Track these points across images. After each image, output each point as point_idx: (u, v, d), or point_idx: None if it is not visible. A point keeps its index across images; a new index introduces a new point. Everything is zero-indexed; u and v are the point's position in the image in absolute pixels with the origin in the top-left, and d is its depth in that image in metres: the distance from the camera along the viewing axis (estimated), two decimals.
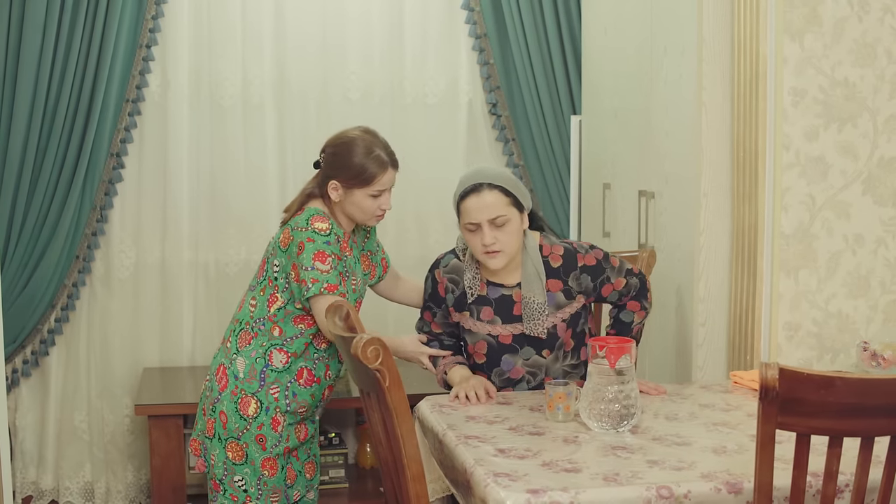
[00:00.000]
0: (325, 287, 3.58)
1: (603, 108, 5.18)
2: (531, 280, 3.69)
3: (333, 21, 5.69)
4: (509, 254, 3.64)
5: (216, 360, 3.82)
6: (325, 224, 3.65)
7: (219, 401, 3.73)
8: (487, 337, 3.75)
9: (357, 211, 3.75)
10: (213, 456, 3.74)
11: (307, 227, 3.64)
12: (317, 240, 3.62)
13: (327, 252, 3.62)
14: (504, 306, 3.73)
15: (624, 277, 3.80)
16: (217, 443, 3.73)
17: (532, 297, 3.68)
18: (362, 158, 3.70)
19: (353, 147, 3.73)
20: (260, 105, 5.66)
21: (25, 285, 5.35)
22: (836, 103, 3.89)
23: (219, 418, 3.72)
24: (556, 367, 3.76)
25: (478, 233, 3.63)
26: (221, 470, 3.72)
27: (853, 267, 3.96)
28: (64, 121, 5.28)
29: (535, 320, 3.68)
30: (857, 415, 2.49)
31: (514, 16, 5.67)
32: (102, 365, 5.61)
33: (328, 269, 3.60)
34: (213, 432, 3.74)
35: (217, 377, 3.76)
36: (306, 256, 3.61)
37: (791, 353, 3.95)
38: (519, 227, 3.66)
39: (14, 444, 5.51)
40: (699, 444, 3.02)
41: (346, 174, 3.70)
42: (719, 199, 4.11)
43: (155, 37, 5.49)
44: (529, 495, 2.62)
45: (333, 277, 3.61)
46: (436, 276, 3.86)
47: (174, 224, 5.63)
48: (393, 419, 2.89)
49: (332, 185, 3.72)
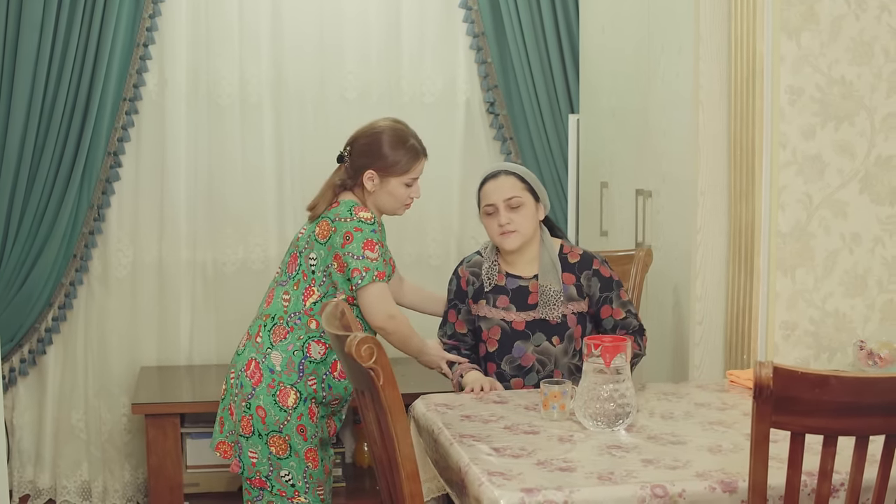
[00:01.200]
0: (376, 275, 3.66)
1: (601, 107, 5.18)
2: (548, 270, 3.88)
3: (331, 20, 5.68)
4: (523, 235, 3.87)
5: (241, 356, 3.78)
6: (368, 213, 3.70)
7: (253, 396, 3.69)
8: (501, 322, 3.88)
9: (389, 200, 3.82)
10: (255, 453, 3.68)
11: (351, 217, 3.68)
12: (364, 229, 3.67)
13: (375, 240, 3.68)
14: (520, 295, 3.89)
15: (625, 313, 3.91)
16: (257, 439, 3.68)
17: (548, 286, 3.86)
18: (398, 147, 3.80)
19: (388, 137, 3.80)
20: (257, 104, 5.65)
21: (23, 284, 5.34)
22: (833, 102, 3.89)
23: (255, 413, 3.67)
24: (564, 360, 3.86)
25: (494, 216, 3.88)
26: (266, 467, 3.68)
27: (850, 266, 3.95)
28: (61, 120, 5.28)
29: (550, 306, 3.85)
30: (852, 414, 2.49)
31: (511, 15, 5.66)
32: (100, 364, 5.60)
33: (377, 256, 3.67)
34: (252, 429, 3.68)
35: (248, 373, 3.71)
36: (356, 245, 3.66)
37: (788, 352, 3.94)
38: (533, 212, 3.89)
39: (11, 443, 5.51)
40: (694, 443, 3.02)
41: (383, 163, 3.77)
42: (716, 197, 4.10)
43: (152, 36, 5.48)
44: (524, 494, 2.61)
45: (382, 265, 3.68)
46: (459, 272, 4.03)
47: (172, 223, 5.62)
48: (387, 418, 2.88)
49: (369, 175, 3.77)
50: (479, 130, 5.87)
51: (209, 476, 5.16)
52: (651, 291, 4.49)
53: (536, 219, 3.93)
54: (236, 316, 5.67)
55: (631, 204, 4.71)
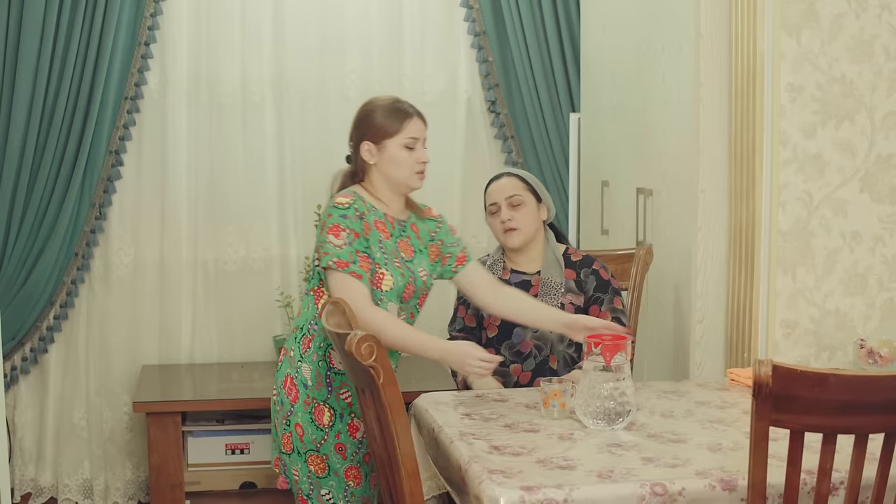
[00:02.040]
0: (334, 261, 3.46)
1: (602, 105, 5.18)
2: (551, 265, 4.04)
3: (332, 19, 5.69)
4: (525, 233, 4.04)
5: (280, 372, 3.63)
6: (345, 199, 3.54)
7: (292, 413, 3.55)
8: None
9: (395, 168, 3.61)
10: (296, 471, 3.57)
11: (329, 205, 3.57)
12: (334, 214, 3.51)
13: (342, 226, 3.49)
14: (522, 288, 3.97)
15: (612, 318, 3.94)
16: (297, 457, 3.56)
17: (550, 278, 4.02)
18: (387, 110, 3.65)
19: (376, 104, 3.69)
20: (259, 103, 5.66)
21: (24, 283, 5.35)
22: (833, 100, 3.88)
23: (294, 431, 3.55)
24: (560, 347, 3.98)
25: (497, 214, 4.06)
26: (307, 485, 3.56)
27: (850, 264, 3.95)
28: (63, 118, 5.29)
29: (550, 295, 3.99)
30: (851, 412, 2.49)
31: (512, 13, 5.66)
32: (101, 362, 5.61)
33: (341, 243, 3.47)
34: (291, 447, 3.57)
35: (286, 389, 3.58)
36: (323, 232, 3.51)
37: (788, 351, 3.94)
38: (535, 211, 4.07)
39: (13, 442, 5.51)
40: (694, 442, 3.02)
41: (374, 128, 3.61)
42: (717, 196, 4.10)
43: (154, 35, 5.49)
44: (524, 492, 2.61)
45: (346, 253, 3.47)
46: None
47: (173, 222, 5.63)
48: (387, 416, 2.89)
49: (365, 148, 3.62)
50: (481, 129, 5.87)
51: (210, 474, 5.16)
52: (652, 290, 4.49)
53: (538, 218, 4.08)
54: (237, 314, 5.70)
55: (632, 202, 4.71)
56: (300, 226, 5.72)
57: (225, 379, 5.48)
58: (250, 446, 5.20)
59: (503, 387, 3.92)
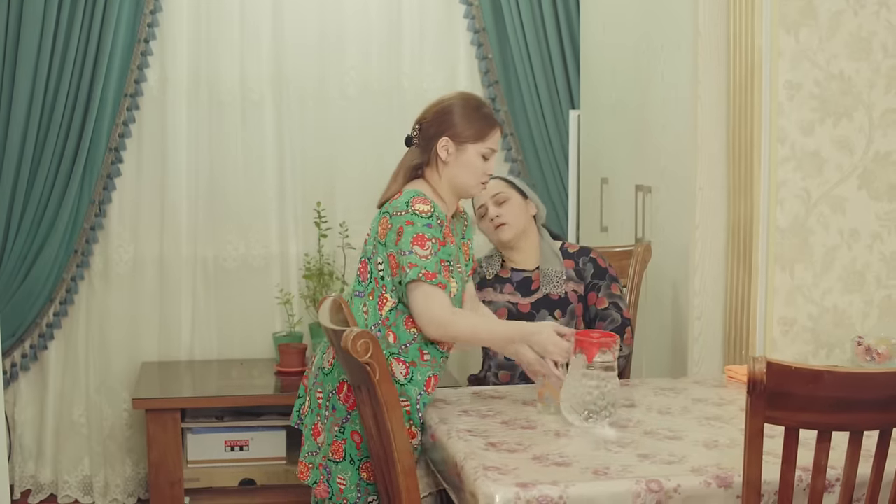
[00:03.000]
0: (422, 273, 3.29)
1: (601, 102, 5.18)
2: (549, 258, 4.07)
3: (331, 17, 5.69)
4: (514, 227, 4.05)
5: (330, 376, 3.44)
6: (426, 206, 3.36)
7: (348, 420, 3.37)
8: (507, 304, 4.03)
9: (465, 174, 3.48)
10: (343, 479, 3.37)
11: (407, 209, 3.35)
12: (416, 222, 3.33)
13: (427, 236, 3.33)
14: (524, 285, 4.06)
15: (609, 303, 4.02)
16: (348, 465, 3.38)
17: (551, 269, 4.05)
18: (473, 112, 3.49)
19: (460, 103, 3.51)
20: (258, 101, 5.67)
21: (24, 280, 5.36)
22: (831, 97, 3.88)
23: (350, 439, 3.37)
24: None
25: (486, 215, 4.07)
26: (355, 494, 3.37)
27: (849, 262, 3.95)
28: (62, 115, 5.29)
29: (553, 284, 4.03)
30: (846, 409, 2.49)
31: (512, 10, 5.66)
32: (101, 359, 5.62)
33: (427, 254, 3.31)
34: (344, 455, 3.38)
35: (341, 396, 3.39)
36: (405, 241, 3.31)
37: (786, 348, 3.94)
38: (521, 206, 4.08)
39: (13, 438, 5.52)
40: (691, 439, 3.02)
41: (457, 129, 3.45)
42: (715, 193, 4.11)
43: (153, 32, 5.49)
44: (519, 489, 2.61)
45: (432, 264, 3.31)
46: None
47: (173, 219, 5.64)
48: (383, 412, 2.90)
49: (443, 144, 3.46)
50: None
51: (210, 471, 5.16)
52: (650, 287, 4.49)
53: (526, 212, 4.10)
54: (237, 312, 5.71)
55: (631, 199, 4.71)
56: (300, 223, 5.72)
57: (224, 376, 5.49)
58: (250, 443, 5.20)
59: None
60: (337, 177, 5.68)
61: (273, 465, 5.18)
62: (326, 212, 5.50)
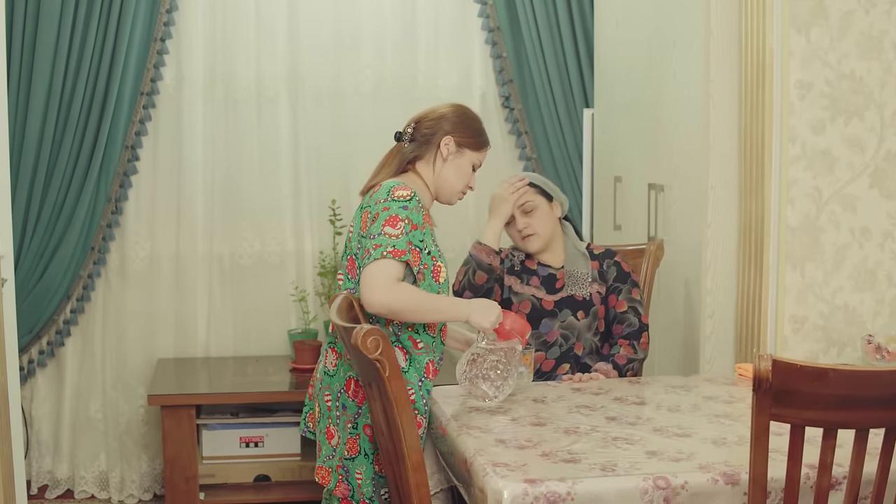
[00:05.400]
0: (388, 251, 3.29)
1: (615, 101, 5.19)
2: (576, 258, 4.10)
3: (346, 15, 5.72)
4: (542, 237, 4.05)
5: (336, 377, 3.48)
6: (406, 191, 3.40)
7: (360, 415, 3.41)
8: (532, 298, 4.05)
9: (455, 177, 3.59)
10: (360, 474, 3.41)
11: (387, 198, 3.39)
12: (392, 207, 3.36)
13: (401, 216, 3.35)
14: (549, 281, 4.08)
15: (628, 307, 4.05)
16: (363, 459, 3.41)
17: (577, 269, 4.07)
18: (477, 124, 3.66)
19: (469, 113, 3.67)
20: (273, 98, 5.70)
21: (41, 276, 5.39)
22: (842, 96, 3.89)
23: (363, 433, 3.40)
24: (587, 335, 4.03)
25: (513, 224, 4.07)
26: (370, 488, 3.40)
27: (860, 260, 3.96)
28: (79, 113, 5.33)
29: (578, 285, 4.05)
30: (851, 407, 2.50)
31: (526, 9, 5.68)
32: (117, 355, 5.65)
33: (398, 233, 3.32)
34: (359, 450, 3.41)
35: (350, 393, 3.43)
36: (377, 224, 3.34)
37: (797, 346, 3.95)
38: (548, 213, 4.07)
39: (30, 434, 5.56)
40: (699, 436, 3.04)
41: (468, 132, 3.60)
42: (726, 192, 4.12)
43: (169, 30, 5.53)
44: (527, 485, 2.63)
45: (402, 243, 3.31)
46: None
47: (188, 216, 5.67)
48: (393, 409, 2.92)
49: (446, 141, 3.56)
50: (495, 125, 5.87)
51: (224, 467, 5.20)
52: (663, 285, 4.50)
53: (553, 218, 4.10)
54: (252, 308, 5.73)
55: (644, 198, 4.73)
56: (315, 220, 5.75)
57: (240, 372, 5.52)
58: (264, 439, 5.23)
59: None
60: (351, 174, 5.70)
61: (288, 462, 5.21)
62: (341, 209, 5.53)
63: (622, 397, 3.50)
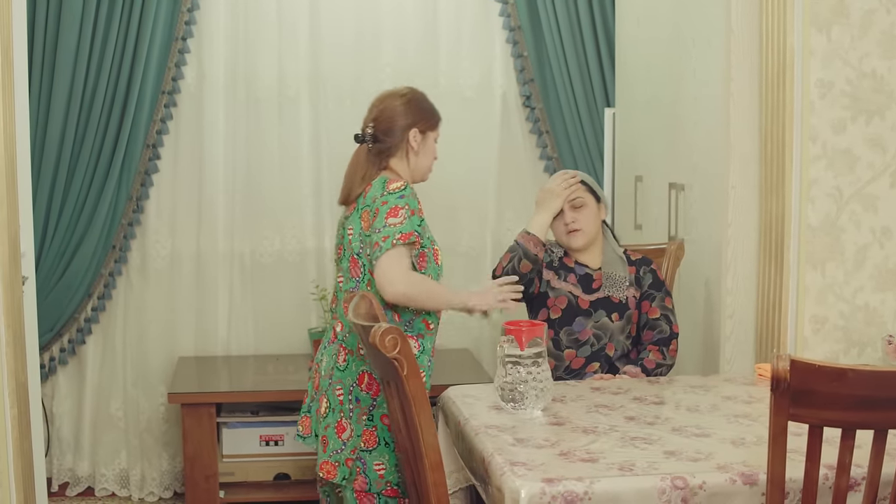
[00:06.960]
0: (397, 237, 3.48)
1: (636, 100, 5.18)
2: (614, 262, 4.14)
3: (368, 14, 5.72)
4: (587, 234, 4.10)
5: (347, 371, 3.60)
6: (399, 183, 3.58)
7: (375, 406, 3.54)
8: (569, 294, 4.09)
9: (426, 160, 3.77)
10: (381, 464, 3.53)
11: (383, 192, 3.57)
12: (389, 199, 3.53)
13: (400, 205, 3.52)
14: (586, 281, 4.11)
15: (661, 314, 4.10)
16: (384, 448, 3.53)
17: (615, 272, 4.12)
18: (427, 102, 3.81)
19: (419, 95, 3.81)
20: (295, 97, 5.70)
21: (62, 274, 5.41)
22: (863, 95, 3.87)
23: (381, 423, 3.53)
24: (620, 337, 4.06)
25: (560, 217, 4.10)
26: (395, 475, 3.52)
27: (880, 260, 3.94)
28: (101, 112, 5.35)
29: (615, 288, 4.09)
30: (870, 407, 2.49)
31: (547, 8, 5.66)
32: (138, 353, 5.67)
33: (401, 220, 3.50)
34: (377, 440, 3.53)
35: (363, 386, 3.56)
36: (380, 218, 3.51)
37: (818, 346, 3.94)
38: (595, 212, 4.13)
39: (51, 432, 5.58)
40: (718, 436, 3.03)
41: (426, 116, 3.77)
42: (747, 191, 4.10)
43: (191, 29, 5.54)
44: (544, 484, 2.64)
45: (407, 227, 3.50)
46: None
47: (209, 215, 5.68)
48: (411, 407, 2.92)
49: (413, 134, 3.72)
50: (516, 124, 5.88)
51: (245, 465, 5.21)
52: (683, 285, 4.49)
53: (599, 218, 4.15)
54: (273, 307, 5.74)
55: (664, 197, 4.71)
56: (335, 219, 5.73)
57: (260, 371, 5.53)
58: (284, 438, 5.24)
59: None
60: None
61: (307, 460, 5.21)
62: None
63: (641, 397, 3.50)
